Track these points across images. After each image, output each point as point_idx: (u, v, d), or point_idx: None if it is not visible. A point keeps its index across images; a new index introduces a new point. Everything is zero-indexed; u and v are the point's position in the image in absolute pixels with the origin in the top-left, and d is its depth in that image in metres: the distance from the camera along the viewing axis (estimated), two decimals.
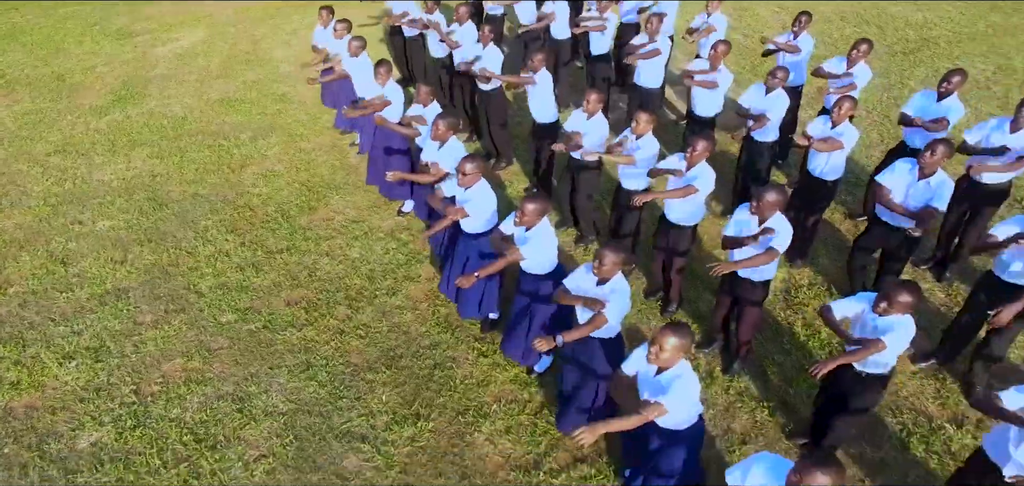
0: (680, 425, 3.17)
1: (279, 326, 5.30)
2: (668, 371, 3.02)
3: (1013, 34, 10.47)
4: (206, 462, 4.22)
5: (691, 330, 3.15)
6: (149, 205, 6.95)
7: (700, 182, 4.29)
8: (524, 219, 3.92)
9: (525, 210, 3.90)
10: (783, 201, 3.83)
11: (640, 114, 4.72)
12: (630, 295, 3.62)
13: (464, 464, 4.17)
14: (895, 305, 3.14)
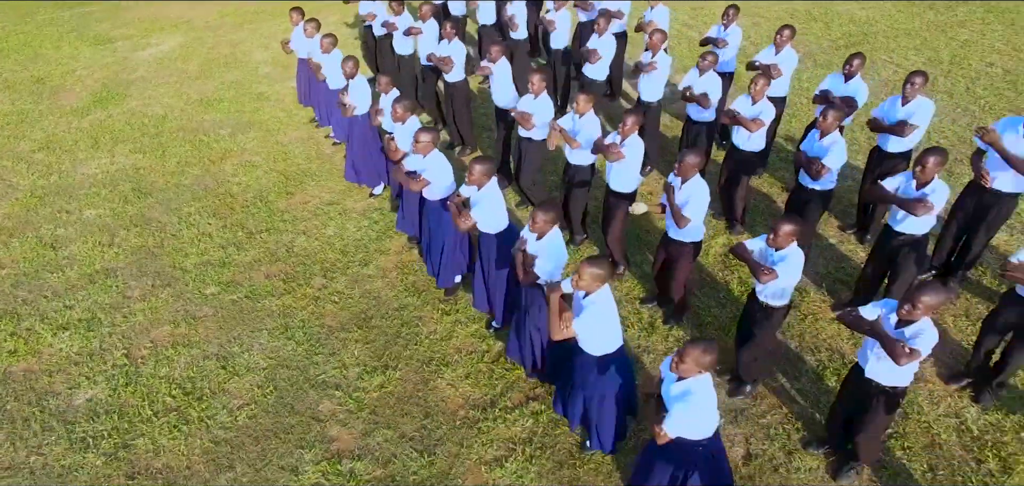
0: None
1: (259, 295, 5.75)
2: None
3: (944, 30, 11.31)
4: (193, 410, 4.67)
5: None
6: (134, 195, 7.34)
7: (629, 151, 4.88)
8: (473, 179, 4.47)
9: (473, 171, 4.44)
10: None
11: (580, 95, 5.30)
12: (563, 248, 4.12)
13: (427, 404, 4.68)
14: (782, 238, 3.74)
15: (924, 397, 4.60)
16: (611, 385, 3.87)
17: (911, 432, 4.35)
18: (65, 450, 4.41)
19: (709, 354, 3.00)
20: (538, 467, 4.20)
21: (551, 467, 4.20)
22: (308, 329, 5.37)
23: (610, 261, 5.62)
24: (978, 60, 10.00)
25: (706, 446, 3.18)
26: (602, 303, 3.53)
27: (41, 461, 4.34)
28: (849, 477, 4.03)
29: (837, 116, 4.76)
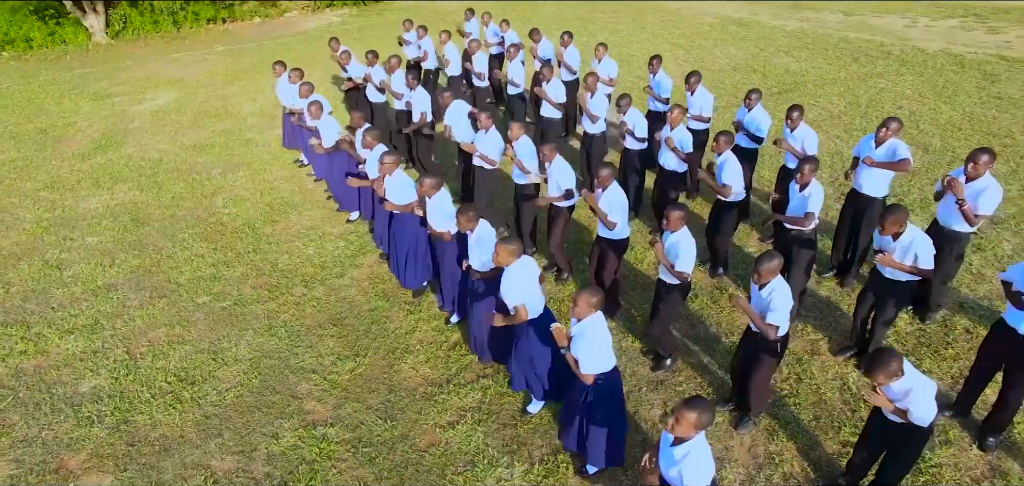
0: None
1: (246, 303, 6.49)
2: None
3: (864, 80, 12.69)
4: (187, 392, 5.34)
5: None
6: (132, 224, 8.11)
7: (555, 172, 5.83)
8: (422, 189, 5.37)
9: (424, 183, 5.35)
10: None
11: (513, 123, 6.30)
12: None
13: (392, 383, 5.40)
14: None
15: (817, 366, 5.42)
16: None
17: (802, 392, 5.15)
18: (73, 426, 5.04)
19: (596, 295, 3.84)
20: (485, 428, 4.92)
21: (496, 428, 4.92)
22: (289, 328, 6.10)
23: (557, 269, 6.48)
24: (890, 103, 11.28)
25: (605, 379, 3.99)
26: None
27: (52, 434, 4.97)
28: (747, 426, 4.80)
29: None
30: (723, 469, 4.52)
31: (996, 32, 16.04)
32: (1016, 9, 18.53)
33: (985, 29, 16.49)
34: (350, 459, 4.70)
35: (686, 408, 2.96)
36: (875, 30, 17.00)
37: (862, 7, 20.22)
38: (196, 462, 4.70)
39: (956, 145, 9.46)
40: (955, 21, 17.63)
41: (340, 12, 22.11)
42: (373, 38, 17.44)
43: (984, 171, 5.07)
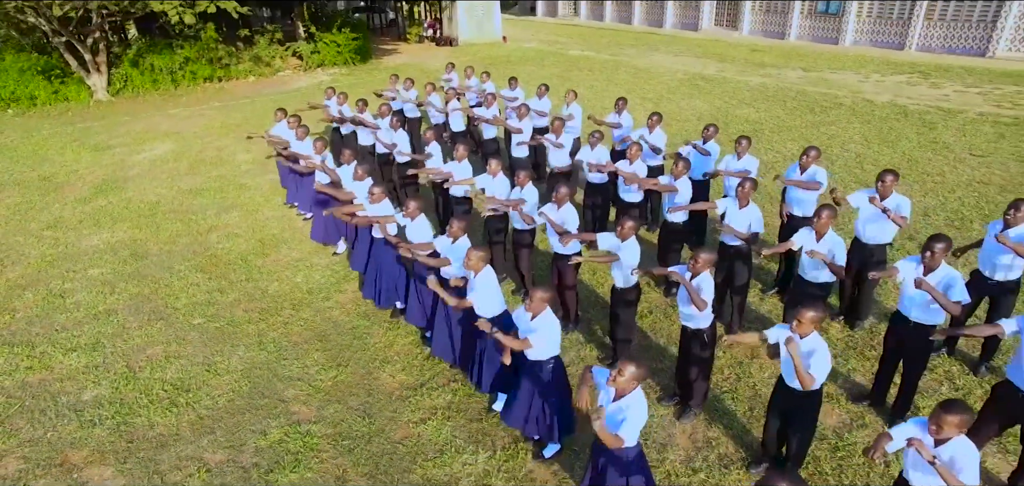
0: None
1: (238, 324, 7.03)
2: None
3: (817, 127, 13.74)
4: (182, 398, 5.83)
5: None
6: (131, 258, 8.68)
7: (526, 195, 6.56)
8: (408, 212, 6.04)
9: (408, 205, 6.02)
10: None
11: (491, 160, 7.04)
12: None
13: (371, 388, 5.93)
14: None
15: (755, 367, 6.03)
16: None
17: (740, 388, 5.74)
18: (75, 428, 5.50)
19: (548, 292, 4.46)
20: (453, 423, 5.44)
21: (463, 422, 5.45)
22: (277, 343, 6.64)
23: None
24: (839, 148, 12.27)
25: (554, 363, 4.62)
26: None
27: (56, 435, 5.42)
28: (689, 417, 5.37)
29: (752, 187, 5.98)
30: (666, 452, 5.06)
31: (937, 87, 17.38)
32: (954, 67, 20.07)
33: (928, 84, 17.83)
34: (331, 450, 5.19)
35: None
36: (831, 84, 18.30)
37: (821, 64, 21.71)
38: (190, 455, 5.17)
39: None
40: (903, 77, 19.03)
41: (331, 71, 23.27)
42: (362, 91, 18.46)
43: (891, 189, 5.89)
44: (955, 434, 3.27)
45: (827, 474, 4.81)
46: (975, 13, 22.23)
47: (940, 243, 4.67)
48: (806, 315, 4.04)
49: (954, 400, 3.32)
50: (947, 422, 3.24)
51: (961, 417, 3.23)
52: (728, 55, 24.49)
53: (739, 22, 30.31)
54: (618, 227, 5.42)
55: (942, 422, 3.25)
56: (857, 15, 25.84)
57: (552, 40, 30.47)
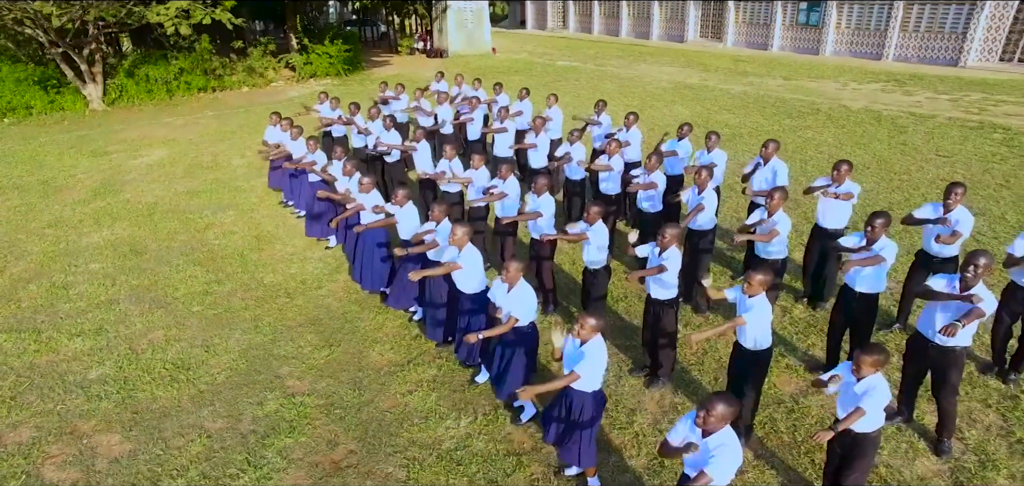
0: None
1: (235, 310, 7.40)
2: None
3: (795, 131, 14.32)
4: (183, 375, 6.18)
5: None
6: (131, 253, 9.03)
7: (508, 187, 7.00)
8: (397, 199, 6.46)
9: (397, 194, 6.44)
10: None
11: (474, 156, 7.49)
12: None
13: (360, 365, 6.31)
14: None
15: (722, 345, 6.45)
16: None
17: (707, 362, 6.17)
18: (83, 402, 5.84)
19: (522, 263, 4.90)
20: (438, 394, 5.83)
21: (447, 393, 5.84)
22: (273, 327, 7.01)
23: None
24: (813, 149, 12.83)
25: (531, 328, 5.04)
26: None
27: (65, 408, 5.76)
28: (657, 386, 5.79)
29: (709, 174, 6.54)
30: (635, 415, 5.47)
31: (910, 94, 18.06)
32: (928, 76, 20.82)
33: (902, 92, 18.52)
34: (323, 419, 5.56)
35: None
36: (809, 92, 18.95)
37: (801, 73, 22.41)
38: (192, 424, 5.52)
39: (863, 180, 10.90)
40: (879, 85, 19.73)
41: (323, 82, 23.71)
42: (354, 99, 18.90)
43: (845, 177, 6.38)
44: (871, 373, 3.72)
45: (782, 433, 5.23)
46: (947, 24, 23.05)
47: (880, 218, 5.16)
48: (755, 278, 4.50)
49: (873, 344, 3.77)
50: (864, 362, 3.69)
51: (875, 358, 3.68)
52: (712, 65, 25.17)
53: (723, 34, 31.10)
54: (585, 213, 5.88)
55: (860, 363, 3.70)
56: (836, 26, 26.66)
57: (541, 52, 31.12)
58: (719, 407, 3.28)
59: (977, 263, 4.27)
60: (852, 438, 3.97)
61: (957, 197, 5.59)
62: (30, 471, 5.02)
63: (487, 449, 5.14)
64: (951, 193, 5.58)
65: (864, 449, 3.97)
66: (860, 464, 4.01)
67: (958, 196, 5.59)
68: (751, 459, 4.96)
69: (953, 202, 5.60)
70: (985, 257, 4.32)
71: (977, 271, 4.28)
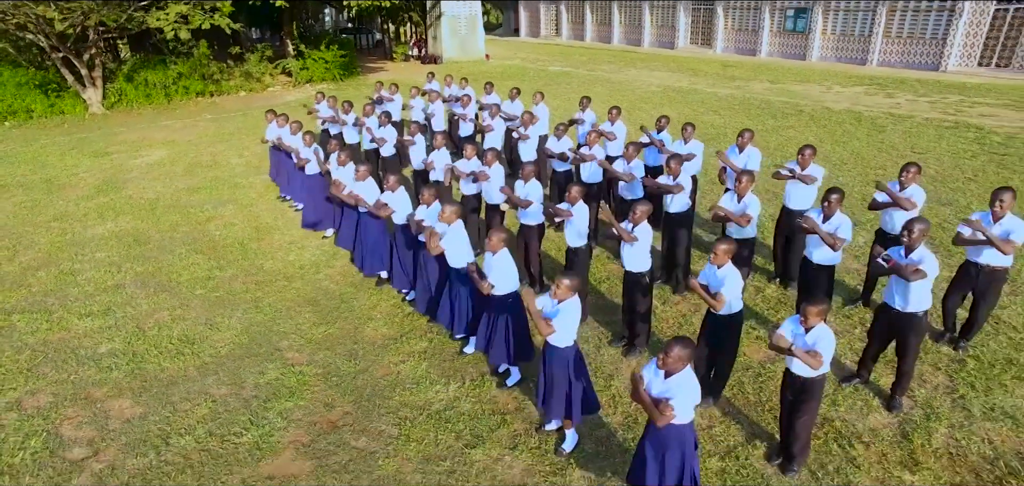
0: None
1: (237, 293, 7.78)
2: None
3: (777, 131, 14.82)
4: (188, 350, 6.56)
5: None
6: (135, 243, 9.40)
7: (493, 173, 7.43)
8: (389, 185, 6.87)
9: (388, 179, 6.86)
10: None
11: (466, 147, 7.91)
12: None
13: (356, 339, 6.70)
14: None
15: (697, 318, 6.87)
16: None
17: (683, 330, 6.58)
18: (95, 372, 6.20)
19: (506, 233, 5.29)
20: (429, 363, 6.23)
21: (438, 362, 6.23)
22: (273, 307, 7.39)
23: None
24: (794, 147, 13.29)
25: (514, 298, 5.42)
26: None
27: (79, 378, 6.12)
28: (635, 354, 6.20)
29: (749, 181, 6.58)
30: (613, 379, 5.87)
31: (891, 97, 18.62)
32: (910, 80, 21.42)
33: (883, 94, 19.08)
34: (321, 385, 5.95)
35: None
36: (794, 94, 19.49)
37: (787, 77, 22.98)
38: (198, 390, 5.89)
39: (839, 174, 11.40)
40: (862, 88, 20.29)
41: (319, 86, 24.14)
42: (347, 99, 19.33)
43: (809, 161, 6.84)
44: (817, 322, 4.14)
45: (748, 393, 5.64)
46: (928, 30, 23.69)
47: (835, 194, 5.62)
48: (719, 248, 4.93)
49: (815, 297, 4.20)
50: (810, 313, 4.12)
51: (819, 307, 4.11)
52: (701, 70, 25.73)
53: (713, 40, 31.73)
54: (567, 193, 6.29)
55: (807, 313, 4.13)
56: (822, 33, 27.28)
57: (534, 58, 31.65)
58: (676, 349, 3.69)
59: (912, 229, 4.73)
60: (801, 383, 4.39)
61: (910, 176, 6.07)
62: (49, 430, 5.39)
63: (474, 409, 5.53)
64: (904, 172, 6.06)
65: (812, 392, 4.39)
66: (808, 406, 4.43)
67: (911, 174, 6.08)
68: (719, 416, 5.37)
69: (907, 180, 6.08)
70: (921, 223, 4.77)
71: (912, 235, 4.74)
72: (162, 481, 4.83)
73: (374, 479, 4.81)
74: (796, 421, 4.52)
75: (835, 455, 4.89)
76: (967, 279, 5.85)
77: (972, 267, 5.78)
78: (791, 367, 4.44)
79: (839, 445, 4.98)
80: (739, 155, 7.70)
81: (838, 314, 6.84)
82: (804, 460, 4.75)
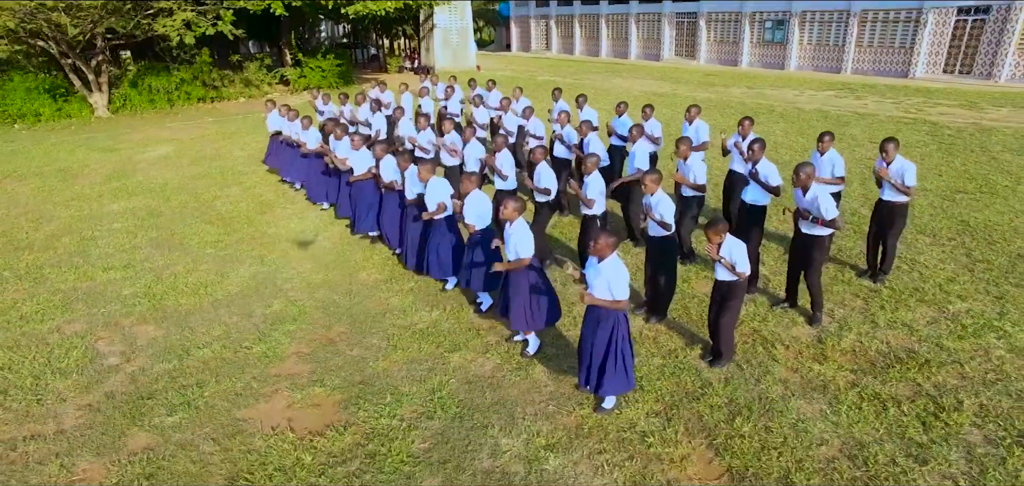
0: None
1: (244, 252, 8.64)
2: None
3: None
4: (203, 291, 7.40)
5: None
6: (148, 217, 10.26)
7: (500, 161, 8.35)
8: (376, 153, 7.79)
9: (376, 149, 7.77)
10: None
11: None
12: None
13: (351, 282, 7.55)
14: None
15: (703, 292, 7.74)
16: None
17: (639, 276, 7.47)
18: (120, 307, 7.04)
19: (474, 175, 6.19)
20: (415, 297, 7.10)
21: (424, 297, 7.10)
22: (277, 262, 8.26)
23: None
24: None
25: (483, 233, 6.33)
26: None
27: (108, 311, 6.95)
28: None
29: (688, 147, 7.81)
30: (574, 308, 6.74)
31: (860, 99, 19.77)
32: (880, 85, 22.61)
33: (854, 98, 20.21)
34: (320, 314, 6.80)
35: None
36: (768, 98, 20.60)
37: (765, 84, 24.15)
38: (212, 319, 6.74)
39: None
40: (833, 92, 21.44)
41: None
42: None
43: (749, 131, 7.81)
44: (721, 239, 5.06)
45: (693, 314, 6.53)
46: (897, 40, 24.98)
47: (756, 143, 6.58)
48: (646, 178, 5.91)
49: (717, 218, 5.11)
50: (710, 235, 5.05)
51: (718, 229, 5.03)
52: (683, 78, 26.91)
53: (697, 52, 33.03)
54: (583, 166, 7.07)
55: (710, 234, 5.07)
56: (799, 43, 28.59)
57: (524, 69, 32.83)
58: (601, 238, 4.60)
59: (799, 172, 5.76)
60: (727, 286, 5.29)
61: (826, 143, 7.11)
62: (87, 346, 6.23)
63: (452, 327, 6.40)
64: (821, 140, 7.09)
65: (736, 293, 5.29)
66: (731, 306, 5.34)
67: (827, 142, 7.12)
68: (664, 330, 6.25)
69: (824, 146, 7.11)
70: (805, 168, 5.78)
71: (799, 177, 5.76)
72: (186, 378, 5.66)
73: (365, 376, 5.65)
74: (721, 320, 5.41)
75: (759, 354, 5.78)
76: (882, 216, 6.82)
77: (884, 206, 6.75)
78: (717, 275, 5.34)
79: (763, 348, 5.87)
80: (689, 127, 8.69)
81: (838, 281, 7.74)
82: (730, 357, 5.63)
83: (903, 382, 5.29)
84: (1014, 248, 7.83)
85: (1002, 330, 5.99)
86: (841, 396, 5.12)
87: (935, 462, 4.40)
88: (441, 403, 5.23)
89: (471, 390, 5.41)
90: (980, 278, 7.08)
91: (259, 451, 4.74)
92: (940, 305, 6.51)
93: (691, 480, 4.35)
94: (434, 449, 4.73)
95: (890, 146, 6.49)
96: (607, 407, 5.07)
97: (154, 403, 5.34)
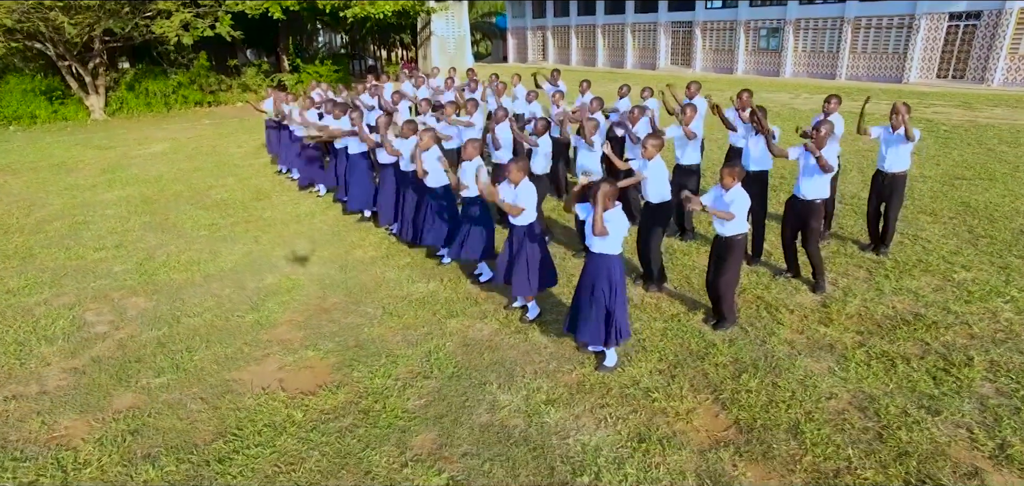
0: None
1: (238, 233, 8.50)
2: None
3: None
4: (195, 267, 7.26)
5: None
6: (142, 204, 10.12)
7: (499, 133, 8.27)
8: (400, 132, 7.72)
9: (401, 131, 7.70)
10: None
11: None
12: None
13: (346, 258, 7.42)
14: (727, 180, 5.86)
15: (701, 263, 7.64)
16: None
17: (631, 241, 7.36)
18: (111, 282, 6.88)
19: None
20: (411, 271, 6.96)
21: (420, 272, 6.97)
22: (271, 242, 8.12)
23: None
24: None
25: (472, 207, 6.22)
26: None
27: (98, 286, 6.80)
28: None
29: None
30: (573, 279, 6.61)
31: (853, 101, 19.81)
32: (874, 90, 22.71)
33: (848, 100, 20.26)
34: (314, 288, 6.66)
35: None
36: (764, 101, 20.59)
37: (760, 89, 24.23)
38: (205, 292, 6.59)
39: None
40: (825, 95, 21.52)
41: None
42: None
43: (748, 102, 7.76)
44: (732, 183, 4.96)
45: (694, 284, 6.41)
46: (890, 46, 25.16)
47: (748, 92, 6.60)
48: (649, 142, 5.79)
49: (733, 163, 5.02)
50: (725, 174, 4.94)
51: (731, 169, 4.93)
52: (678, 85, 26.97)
53: (692, 60, 33.22)
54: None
55: (722, 175, 4.96)
56: (794, 50, 28.77)
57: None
58: (604, 187, 4.49)
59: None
60: (724, 242, 5.19)
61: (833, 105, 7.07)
62: (75, 317, 6.07)
63: (449, 296, 6.27)
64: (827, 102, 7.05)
65: (733, 250, 5.18)
66: (731, 263, 5.22)
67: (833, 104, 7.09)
68: (666, 298, 6.13)
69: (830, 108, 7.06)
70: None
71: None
72: (175, 344, 5.50)
73: (359, 340, 5.51)
74: (720, 280, 5.30)
75: (764, 317, 5.66)
76: (880, 187, 6.74)
77: (881, 176, 6.70)
78: (716, 229, 5.24)
79: (768, 312, 5.75)
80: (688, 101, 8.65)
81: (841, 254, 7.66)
82: (733, 321, 5.50)
83: (911, 341, 5.17)
84: (1016, 225, 7.76)
85: (1009, 295, 5.90)
86: (849, 355, 5.00)
87: (948, 412, 4.28)
88: (437, 364, 5.09)
89: (469, 352, 5.27)
90: (983, 251, 6.99)
91: (248, 409, 4.58)
92: (945, 274, 6.41)
93: (697, 431, 4.21)
94: (430, 406, 4.58)
95: (900, 107, 6.64)
96: (609, 365, 4.93)
97: (142, 366, 5.18)
